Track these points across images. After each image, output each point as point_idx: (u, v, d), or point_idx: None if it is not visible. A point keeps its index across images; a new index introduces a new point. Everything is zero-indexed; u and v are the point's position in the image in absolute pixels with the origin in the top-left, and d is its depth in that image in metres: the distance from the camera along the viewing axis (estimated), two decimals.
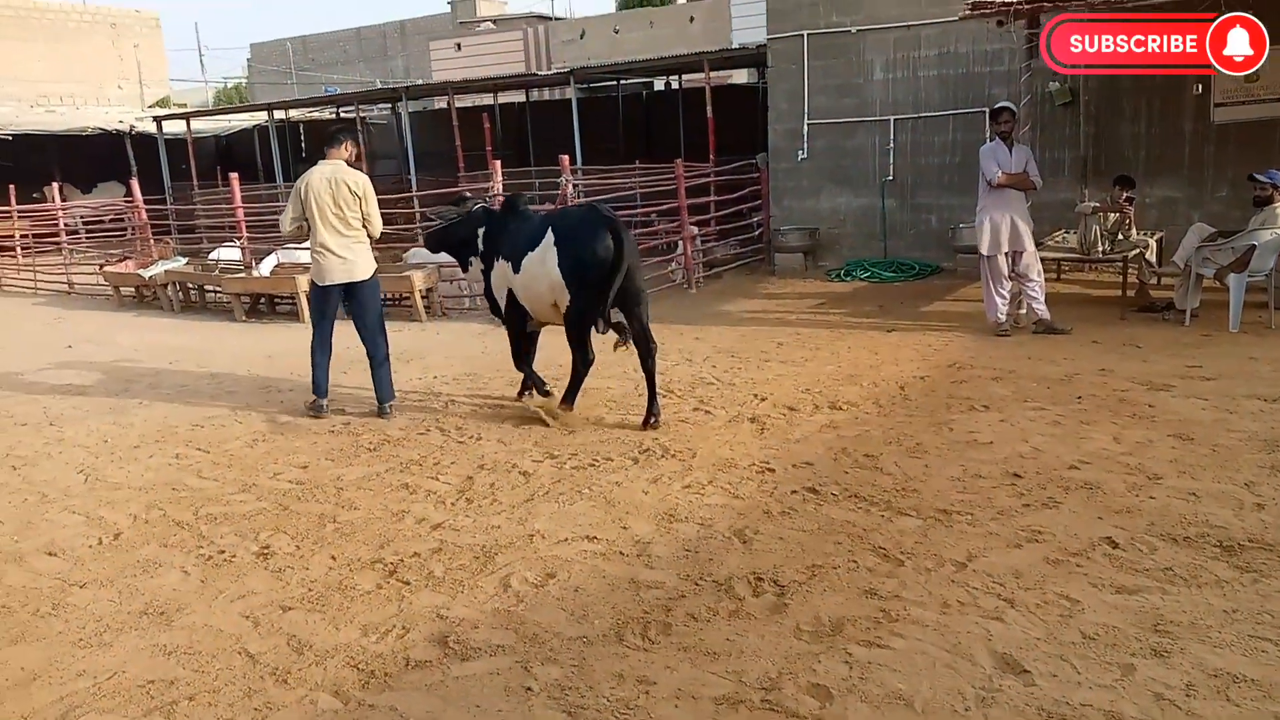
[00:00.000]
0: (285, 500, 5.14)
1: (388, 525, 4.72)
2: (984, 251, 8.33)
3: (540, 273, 6.20)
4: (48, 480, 5.74)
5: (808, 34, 12.32)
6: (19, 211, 17.90)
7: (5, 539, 4.81)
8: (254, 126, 25.06)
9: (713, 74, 16.16)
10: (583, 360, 6.39)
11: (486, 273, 6.81)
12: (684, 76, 21.63)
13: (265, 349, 9.67)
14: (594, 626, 3.59)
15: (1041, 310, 8.35)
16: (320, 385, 6.96)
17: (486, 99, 23.52)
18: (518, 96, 23.97)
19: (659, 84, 25.02)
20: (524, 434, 6.16)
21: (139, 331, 11.35)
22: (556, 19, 31.13)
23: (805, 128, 12.57)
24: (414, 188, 18.69)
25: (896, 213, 12.32)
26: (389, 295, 11.52)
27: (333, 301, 6.93)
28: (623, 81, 22.36)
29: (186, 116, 23.56)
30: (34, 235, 17.93)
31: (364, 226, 6.74)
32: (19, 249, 17.87)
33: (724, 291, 11.76)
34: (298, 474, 5.60)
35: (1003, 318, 8.40)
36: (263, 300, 12.02)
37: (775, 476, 5.09)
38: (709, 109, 15.17)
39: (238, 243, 12.97)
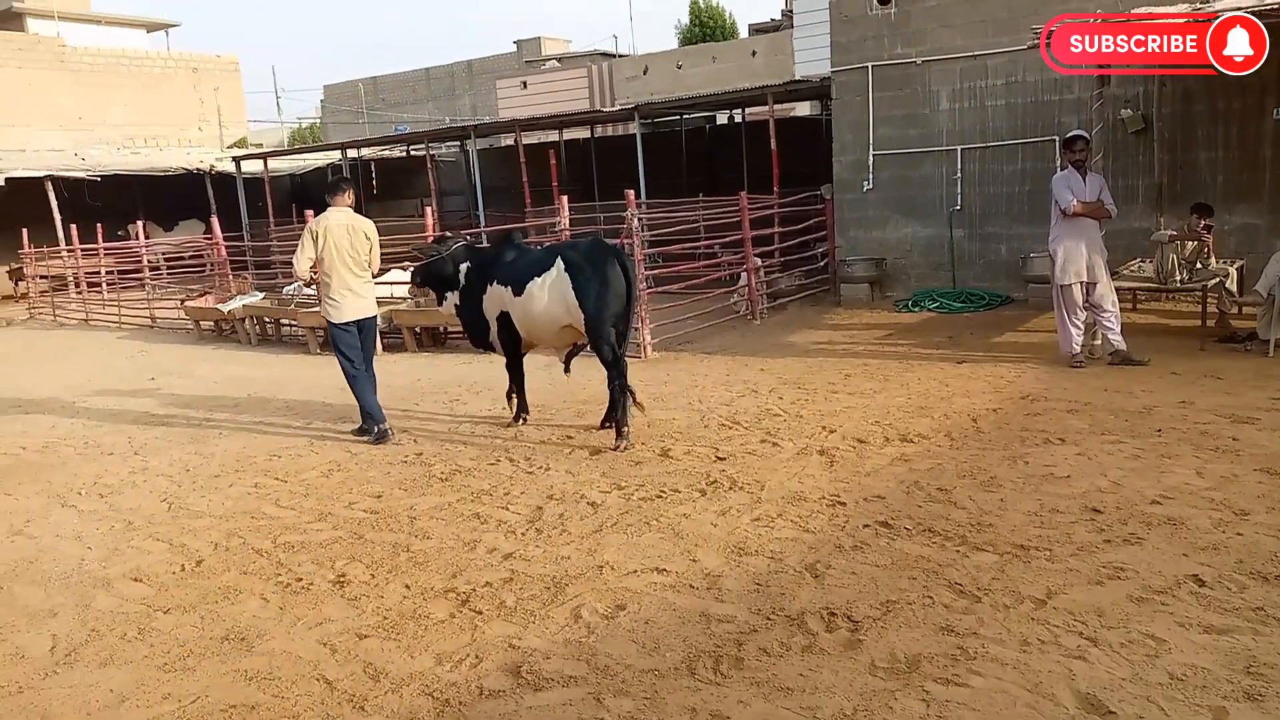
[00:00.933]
0: (360, 529, 5.24)
1: (460, 554, 4.77)
2: (1058, 281, 8.19)
3: (546, 296, 6.73)
4: (133, 508, 5.93)
5: (872, 66, 12.32)
6: (105, 249, 18.66)
7: (94, 565, 4.98)
8: (328, 165, 25.78)
9: (776, 106, 16.21)
10: (615, 362, 6.73)
11: (470, 304, 7.31)
12: (747, 110, 21.72)
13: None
14: (665, 659, 3.58)
15: (1117, 341, 8.16)
16: (376, 412, 7.33)
17: (552, 135, 23.89)
18: (582, 133, 24.30)
19: (721, 118, 25.17)
20: (592, 465, 6.20)
21: (218, 364, 11.70)
22: (620, 56, 31.55)
23: (870, 159, 12.53)
24: (482, 223, 19.03)
25: (965, 242, 12.18)
26: (459, 328, 11.73)
27: (353, 335, 7.34)
28: (686, 116, 22.55)
29: (264, 156, 24.34)
30: (119, 271, 18.65)
31: (369, 268, 7.29)
32: (105, 284, 18.61)
33: (788, 323, 11.72)
34: (372, 503, 5.70)
35: (1077, 349, 8.23)
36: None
37: (846, 510, 5.04)
38: (773, 141, 15.20)
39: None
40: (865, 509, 5.04)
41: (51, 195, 20.49)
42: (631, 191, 10.36)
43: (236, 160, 23.96)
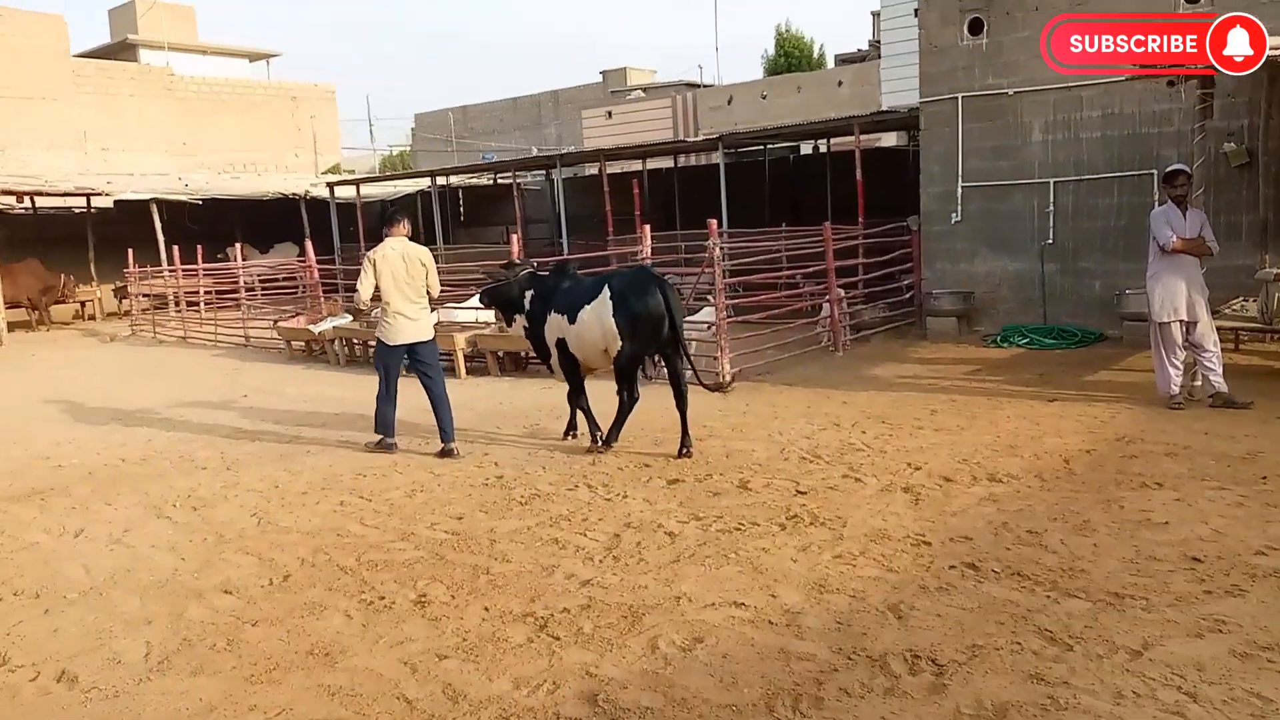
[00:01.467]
0: (441, 550, 5.30)
1: (538, 579, 4.79)
2: (1156, 319, 7.92)
3: (594, 321, 7.13)
4: (225, 521, 6.11)
5: (962, 96, 12.16)
6: (204, 269, 19.42)
7: (187, 576, 5.14)
8: (417, 191, 26.44)
9: (862, 137, 16.10)
10: (630, 397, 7.30)
11: (535, 329, 7.80)
12: (832, 140, 21.64)
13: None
14: (743, 695, 3.53)
15: (1219, 382, 7.84)
16: (389, 426, 7.88)
17: (635, 165, 24.11)
18: (665, 162, 24.48)
19: (806, 148, 25.10)
20: (669, 494, 6.18)
21: (307, 384, 12.02)
22: (705, 86, 31.73)
23: (959, 190, 12.34)
24: (565, 251, 19.25)
25: (1057, 277, 11.88)
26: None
27: (399, 358, 7.80)
28: (770, 146, 22.55)
29: (356, 182, 25.08)
30: (216, 291, 19.38)
31: (425, 292, 7.74)
32: (202, 304, 19.34)
33: (872, 355, 11.56)
34: (453, 525, 5.77)
35: (1176, 389, 7.93)
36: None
37: (931, 550, 4.92)
38: (858, 171, 15.08)
39: None
40: (951, 549, 4.91)
41: (156, 217, 21.42)
42: (714, 221, 10.35)
43: (330, 186, 24.74)
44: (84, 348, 18.32)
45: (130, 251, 19.96)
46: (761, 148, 22.46)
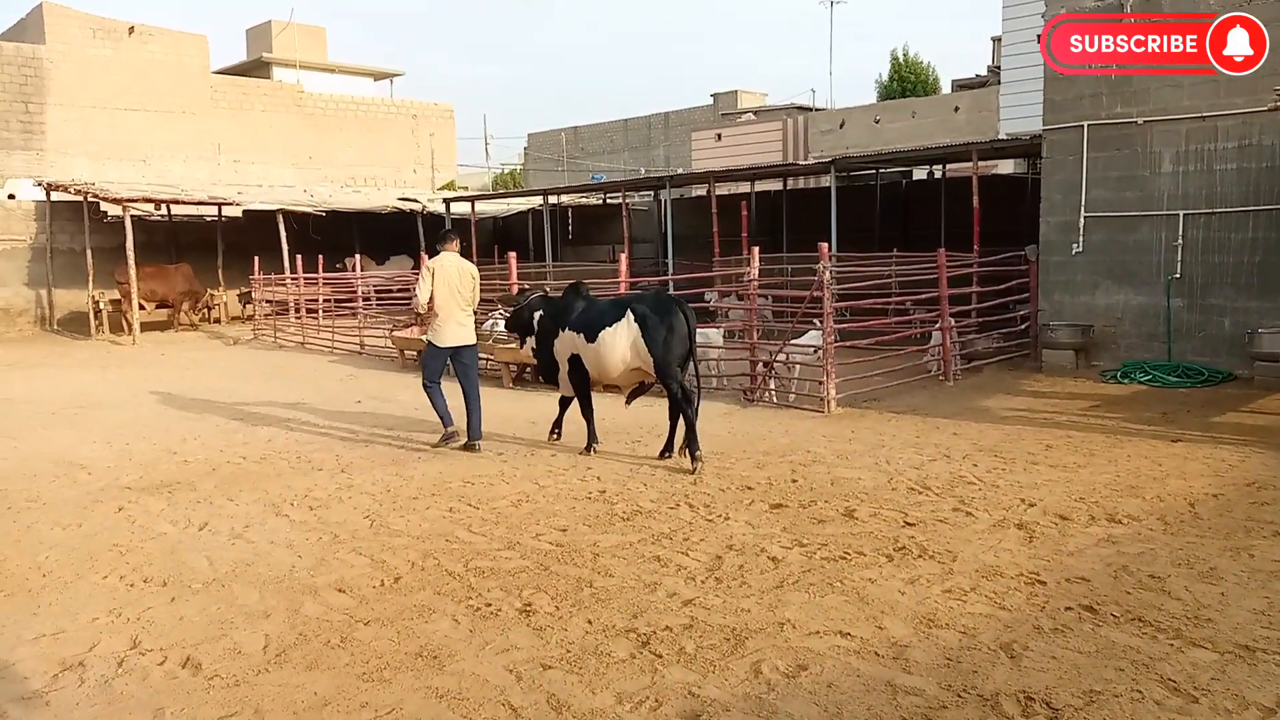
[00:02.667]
0: (546, 561, 5.37)
1: (640, 595, 4.81)
2: None
3: (618, 343, 7.70)
4: (339, 522, 6.32)
5: (1088, 125, 11.80)
6: (324, 278, 20.19)
7: (303, 573, 5.33)
8: (528, 209, 26.97)
9: (985, 164, 15.76)
10: (684, 396, 7.61)
11: (544, 346, 8.39)
12: (947, 166, 21.23)
13: (529, 415, 10.24)
14: None
15: None
16: (446, 417, 8.55)
17: (743, 187, 24.10)
18: (773, 185, 24.40)
19: (919, 173, 24.69)
20: (772, 519, 6.13)
21: (418, 391, 12.27)
22: (817, 110, 31.54)
23: (1081, 221, 11.96)
24: (670, 271, 19.35)
25: (1183, 313, 11.37)
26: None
27: (444, 360, 8.55)
28: (881, 170, 22.26)
29: (471, 199, 25.74)
30: (335, 300, 20.12)
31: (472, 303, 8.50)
32: (321, 311, 20.10)
33: (983, 386, 11.26)
34: (557, 536, 5.84)
35: None
36: (528, 370, 12.76)
37: (1046, 590, 4.75)
38: (975, 199, 14.74)
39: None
40: (1067, 590, 4.74)
41: (282, 227, 22.38)
42: (825, 245, 10.26)
43: (446, 202, 25.45)
44: (209, 350, 19.23)
45: (256, 259, 20.91)
46: (873, 172, 22.18)
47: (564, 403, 8.59)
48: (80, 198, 21.80)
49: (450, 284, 8.27)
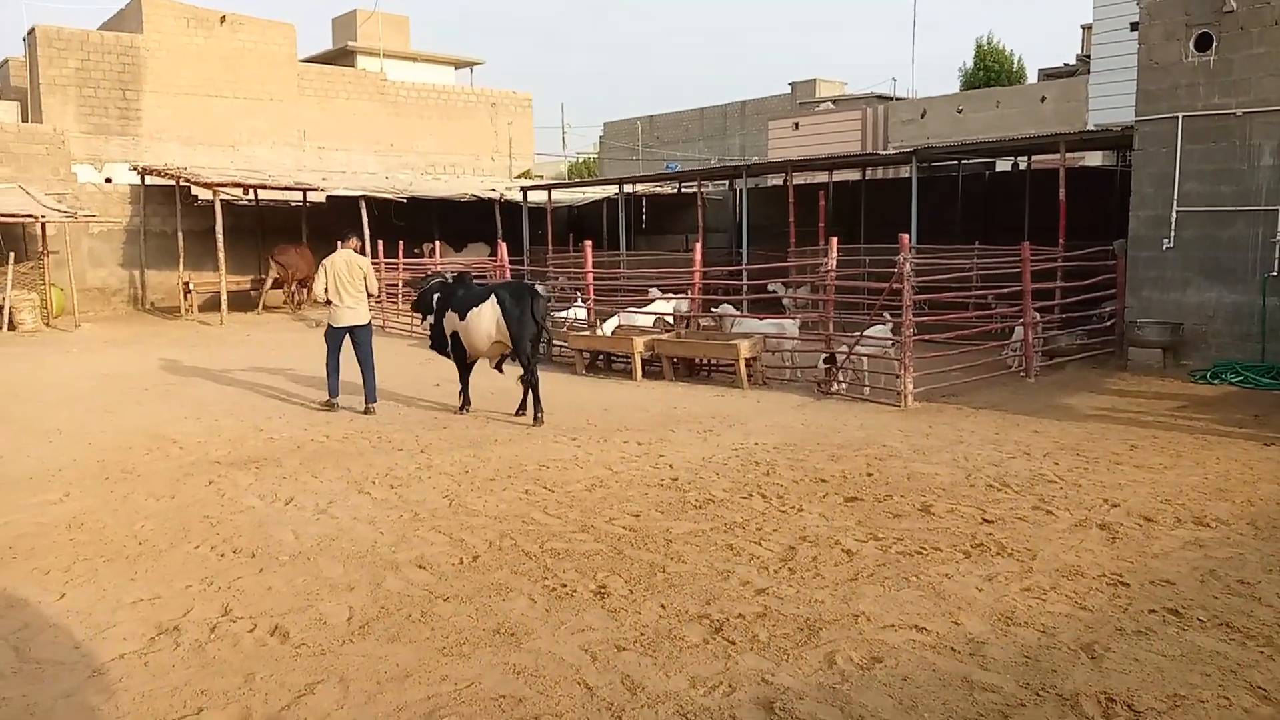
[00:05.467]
0: (619, 545, 5.43)
1: (713, 583, 4.84)
2: None
3: (481, 320, 9.33)
4: (419, 501, 6.47)
5: (1183, 116, 11.40)
6: (404, 264, 20.57)
7: (385, 549, 5.48)
8: (603, 198, 27.09)
9: (1072, 155, 15.34)
10: (532, 369, 9.26)
11: (437, 324, 9.92)
12: (1033, 157, 20.72)
13: (602, 401, 10.33)
14: None
15: None
16: (334, 389, 10.14)
17: (820, 177, 23.85)
18: (852, 175, 24.09)
19: (1003, 164, 24.13)
20: (846, 511, 6.09)
21: (494, 377, 12.48)
22: (897, 99, 31.01)
23: (1173, 215, 11.57)
24: (744, 261, 19.27)
25: (1279, 313, 10.93)
26: (715, 361, 11.95)
27: (341, 337, 10.08)
28: (964, 162, 21.81)
29: (548, 187, 25.92)
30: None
31: (365, 290, 10.06)
32: (401, 296, 20.50)
33: (1066, 383, 10.99)
34: (630, 521, 5.90)
35: None
36: (601, 357, 12.87)
37: (1129, 591, 4.65)
38: (1062, 191, 14.36)
39: (584, 303, 14.02)
40: (1151, 593, 4.63)
41: (364, 213, 22.85)
42: (906, 236, 10.11)
43: (524, 190, 25.68)
44: (292, 331, 19.75)
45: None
46: (955, 163, 21.75)
47: (461, 375, 10.06)
48: (172, 182, 22.56)
49: (340, 276, 9.88)
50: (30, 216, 19.59)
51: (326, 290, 9.95)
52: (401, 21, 34.87)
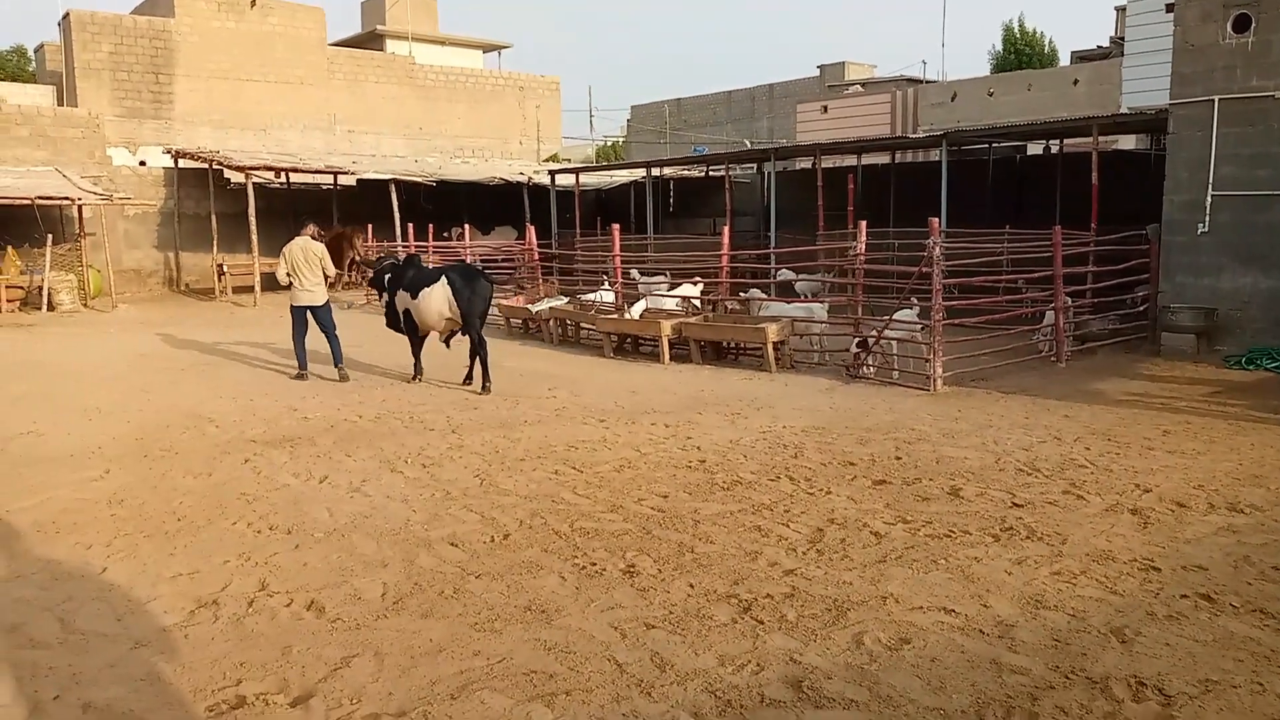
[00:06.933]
0: (648, 525, 5.48)
1: (741, 563, 4.87)
2: None
3: (433, 299, 10.17)
4: (451, 480, 6.55)
5: (1219, 99, 11.21)
6: (433, 247, 20.68)
7: (418, 526, 5.56)
8: (630, 181, 27.06)
9: (1106, 139, 15.14)
10: (481, 343, 10.14)
11: (390, 302, 10.76)
12: (1065, 141, 20.46)
13: (630, 384, 10.37)
14: (952, 701, 3.47)
15: None
16: (302, 362, 11.11)
17: (849, 160, 23.69)
18: (881, 158, 23.91)
19: (1034, 148, 23.85)
20: (874, 495, 6.10)
21: (523, 359, 12.62)
22: (927, 82, 30.70)
23: (1208, 200, 11.40)
24: (772, 244, 19.20)
25: None
26: (743, 344, 11.95)
27: (304, 316, 11.00)
28: (995, 145, 21.58)
29: (575, 171, 25.94)
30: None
31: (323, 274, 10.89)
32: None
33: (1097, 369, 10.90)
34: (659, 502, 5.94)
35: None
36: (629, 340, 12.90)
37: (1161, 576, 4.63)
38: (1094, 175, 14.19)
39: (610, 286, 14.04)
40: (1183, 578, 4.61)
41: (394, 196, 22.99)
42: (935, 220, 10.05)
43: (551, 174, 25.72)
44: None
45: (370, 227, 21.53)
46: (985, 146, 21.52)
47: (414, 349, 10.85)
48: (205, 165, 22.79)
49: (296, 261, 10.75)
50: (67, 199, 19.86)
51: (288, 274, 10.85)
52: (430, 5, 34.90)
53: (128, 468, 7.04)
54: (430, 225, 21.10)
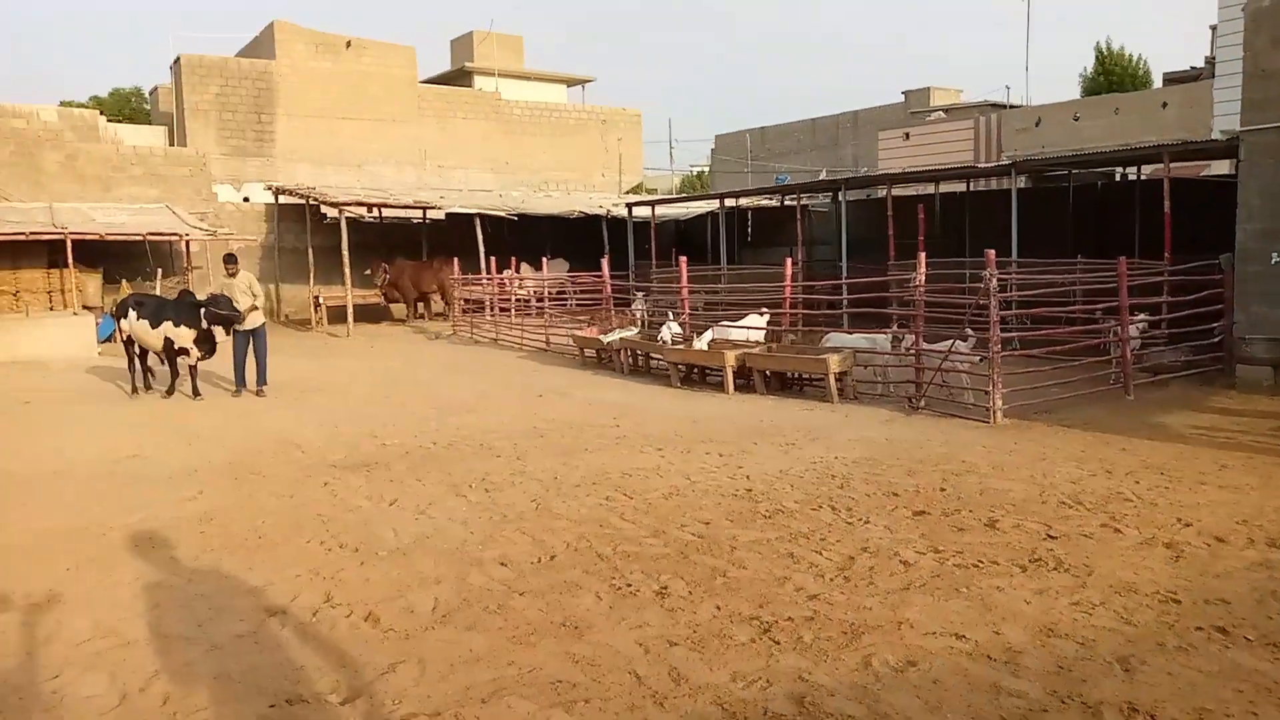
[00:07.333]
0: (687, 550, 5.78)
1: (769, 588, 5.14)
2: None
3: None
4: (509, 504, 6.96)
5: None
6: (515, 279, 21.40)
7: (473, 546, 5.97)
8: (708, 212, 27.46)
9: (1187, 165, 14.92)
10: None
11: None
12: (1153, 167, 20.08)
13: (692, 413, 10.68)
14: (945, 719, 3.68)
15: None
16: (241, 379, 12.81)
17: (929, 188, 23.64)
18: (959, 186, 23.79)
19: (1128, 173, 23.41)
20: (912, 525, 6.28)
21: (592, 388, 13.05)
22: (1011, 107, 30.38)
23: None
24: (843, 274, 19.31)
25: None
26: (805, 375, 12.15)
27: (245, 338, 12.67)
28: (1078, 172, 21.30)
29: (652, 203, 26.48)
30: (523, 299, 21.28)
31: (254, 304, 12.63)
32: (512, 310, 21.32)
33: (1165, 401, 10.77)
34: (700, 528, 6.24)
35: None
36: (695, 370, 13.22)
37: (1180, 609, 4.73)
38: (1166, 203, 14.00)
39: (675, 317, 14.40)
40: (1202, 611, 4.70)
41: (479, 229, 23.85)
42: (992, 252, 10.14)
43: (629, 206, 26.30)
44: (413, 343, 20.80)
45: (455, 260, 22.40)
46: (1066, 173, 21.26)
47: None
48: (303, 200, 24.03)
49: (236, 294, 12.44)
50: (175, 235, 21.22)
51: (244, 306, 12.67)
52: (516, 41, 36.10)
53: (219, 489, 7.65)
54: (513, 257, 21.83)
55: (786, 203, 27.64)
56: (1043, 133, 26.57)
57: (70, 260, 19.39)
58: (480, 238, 23.72)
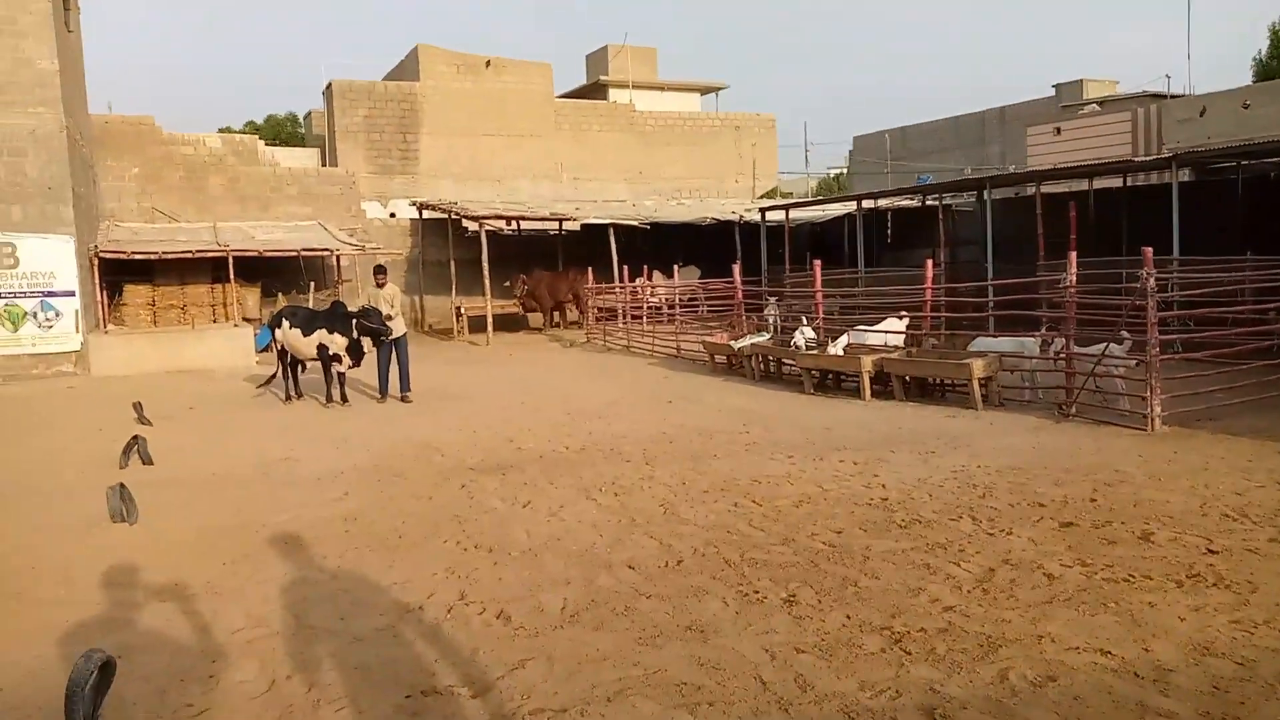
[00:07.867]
0: (817, 559, 5.68)
1: (903, 598, 4.99)
2: None
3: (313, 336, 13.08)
4: (638, 508, 7.02)
5: None
6: (647, 286, 21.57)
7: (602, 549, 6.04)
8: (845, 215, 26.99)
9: None
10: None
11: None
12: None
13: (825, 421, 10.50)
14: None
15: None
16: (385, 387, 13.55)
17: (1081, 185, 22.54)
18: (1115, 182, 22.58)
19: None
20: (1058, 536, 5.98)
21: (722, 394, 13.00)
22: (1172, 97, 28.64)
23: None
24: (989, 276, 18.61)
25: None
26: (947, 380, 11.76)
27: (388, 347, 13.43)
28: (1247, 163, 19.88)
29: (785, 207, 26.20)
30: (655, 307, 21.43)
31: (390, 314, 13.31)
32: (645, 317, 21.49)
33: None
34: (832, 537, 6.12)
35: None
36: (830, 376, 13.00)
37: None
38: None
39: (809, 323, 14.19)
40: None
41: (612, 239, 24.16)
42: (1149, 250, 9.58)
43: (762, 211, 26.13)
44: (548, 351, 21.24)
45: (590, 269, 22.77)
46: (1235, 164, 19.88)
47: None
48: (445, 215, 24.92)
49: (381, 304, 13.34)
50: (327, 250, 22.37)
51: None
52: (649, 53, 36.44)
53: (363, 490, 8.01)
54: (645, 266, 22.02)
55: (928, 203, 26.89)
56: (1208, 122, 24.87)
57: (232, 275, 20.69)
58: (614, 247, 24.02)
